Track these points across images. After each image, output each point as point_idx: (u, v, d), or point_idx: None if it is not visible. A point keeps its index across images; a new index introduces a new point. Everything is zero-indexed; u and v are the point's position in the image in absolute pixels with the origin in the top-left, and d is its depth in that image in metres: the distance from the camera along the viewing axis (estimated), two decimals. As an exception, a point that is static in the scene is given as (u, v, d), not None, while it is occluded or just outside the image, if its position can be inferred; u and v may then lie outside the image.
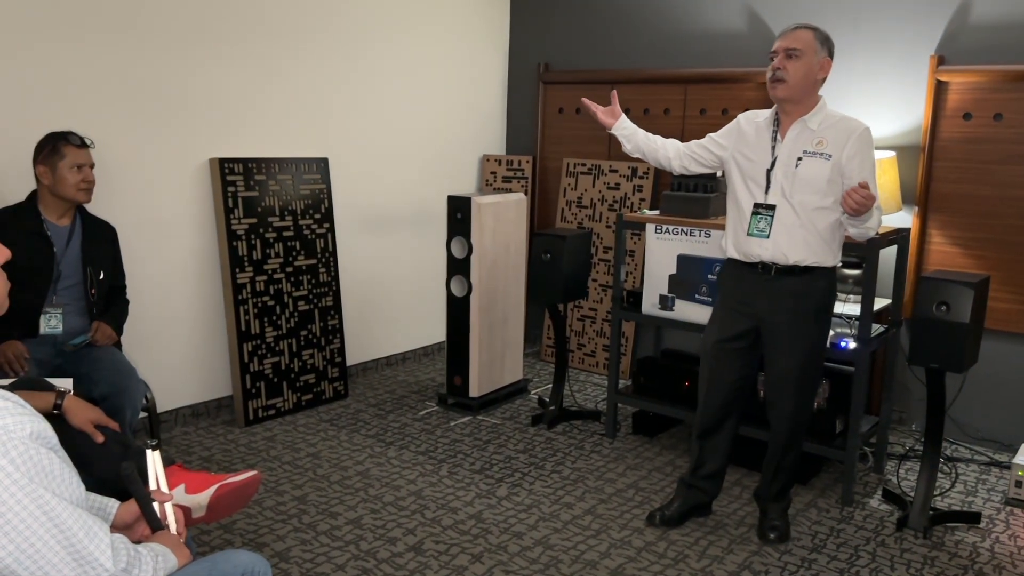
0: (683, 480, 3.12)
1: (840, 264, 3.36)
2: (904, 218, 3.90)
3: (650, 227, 3.68)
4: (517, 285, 4.35)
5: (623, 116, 3.07)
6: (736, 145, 2.88)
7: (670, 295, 3.64)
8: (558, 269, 3.85)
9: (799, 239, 2.74)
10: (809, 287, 2.78)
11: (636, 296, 3.80)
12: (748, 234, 2.79)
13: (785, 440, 2.93)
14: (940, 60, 3.77)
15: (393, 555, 2.81)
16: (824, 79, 2.74)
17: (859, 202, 2.53)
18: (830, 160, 2.69)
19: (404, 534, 2.95)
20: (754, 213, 2.79)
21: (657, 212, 3.73)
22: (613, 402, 3.88)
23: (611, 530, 3.03)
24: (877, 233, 2.86)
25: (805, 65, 2.68)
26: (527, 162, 5.18)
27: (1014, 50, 3.62)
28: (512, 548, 2.88)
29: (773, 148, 2.78)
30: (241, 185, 3.89)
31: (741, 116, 2.93)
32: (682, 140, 4.49)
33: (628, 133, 3.06)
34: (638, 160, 4.74)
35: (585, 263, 4.04)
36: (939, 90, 3.79)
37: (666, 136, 4.72)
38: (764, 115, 2.86)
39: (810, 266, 2.76)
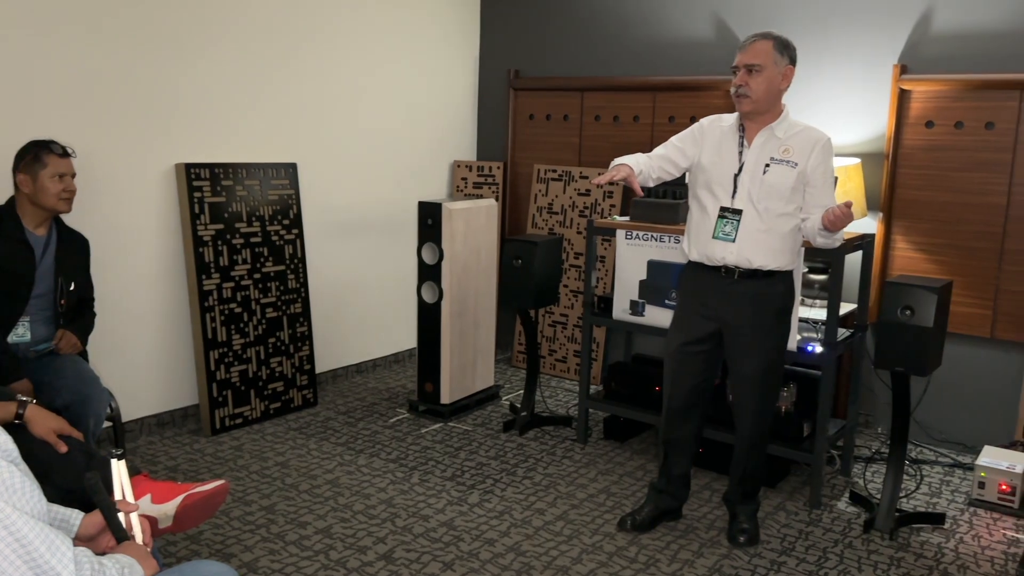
0: (653, 485, 3.14)
1: (805, 269, 3.41)
2: (869, 224, 3.96)
3: (620, 233, 3.70)
4: (488, 291, 4.35)
5: (628, 165, 2.77)
6: (700, 149, 2.90)
7: (641, 300, 3.66)
8: (529, 275, 3.85)
9: (764, 244, 2.79)
10: (770, 290, 2.84)
11: (607, 302, 3.81)
12: (714, 237, 2.83)
13: (750, 442, 2.97)
14: (903, 69, 3.83)
15: (363, 564, 2.79)
16: (787, 87, 2.79)
17: (843, 221, 2.62)
18: (796, 168, 2.75)
19: (375, 543, 2.93)
20: (720, 217, 2.82)
21: (627, 218, 3.75)
22: (584, 407, 3.89)
23: (583, 535, 3.03)
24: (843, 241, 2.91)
25: (767, 79, 2.72)
26: (498, 168, 5.19)
27: (973, 60, 3.70)
28: (484, 555, 2.87)
29: (740, 154, 2.81)
30: (208, 191, 3.85)
31: (704, 120, 2.96)
32: (651, 148, 4.57)
33: (644, 175, 2.84)
34: (607, 167, 4.78)
35: (556, 269, 4.04)
36: (902, 98, 3.86)
37: (635, 143, 4.77)
38: (729, 120, 2.89)
39: (772, 270, 2.82)
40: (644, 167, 2.86)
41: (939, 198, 3.83)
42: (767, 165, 2.77)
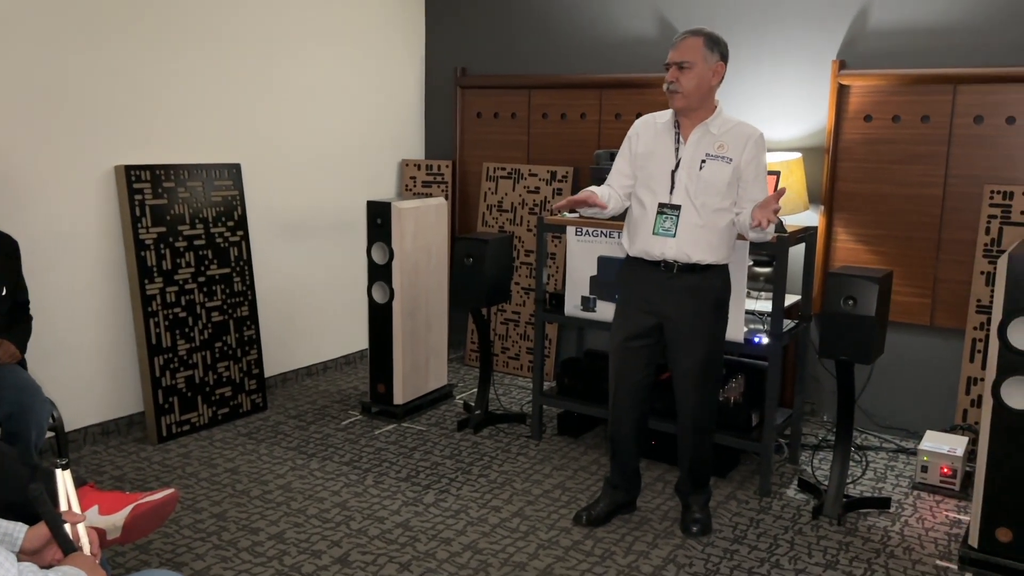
0: (607, 479, 3.17)
1: (751, 262, 3.47)
2: (811, 217, 4.05)
3: (571, 230, 3.72)
4: (440, 290, 4.33)
5: (595, 195, 2.86)
6: (635, 151, 2.95)
7: (592, 296, 3.68)
8: (481, 273, 3.84)
9: (702, 239, 2.83)
10: (708, 284, 2.89)
11: (558, 298, 3.83)
12: (654, 233, 2.86)
13: (693, 432, 3.00)
14: (842, 64, 3.93)
15: (318, 568, 2.75)
16: (719, 83, 2.83)
17: (772, 219, 2.66)
18: (731, 164, 2.81)
19: (329, 546, 2.90)
20: (659, 213, 2.86)
21: (577, 215, 3.77)
22: (538, 404, 3.90)
23: (539, 531, 3.04)
24: (775, 237, 3.00)
25: (697, 75, 2.76)
26: (446, 166, 5.17)
27: (909, 55, 3.81)
28: (441, 554, 2.86)
29: (677, 150, 2.86)
30: (148, 193, 3.76)
31: (638, 121, 3.00)
32: (599, 145, 4.63)
33: (614, 208, 2.95)
34: (558, 163, 4.81)
35: (507, 267, 4.05)
36: (841, 93, 3.95)
37: (582, 140, 4.80)
38: (664, 116, 2.93)
39: (709, 264, 2.87)
40: (608, 196, 2.93)
41: (878, 190, 3.94)
42: (703, 161, 2.81)
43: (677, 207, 2.83)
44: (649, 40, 4.47)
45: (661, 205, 2.86)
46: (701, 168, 2.81)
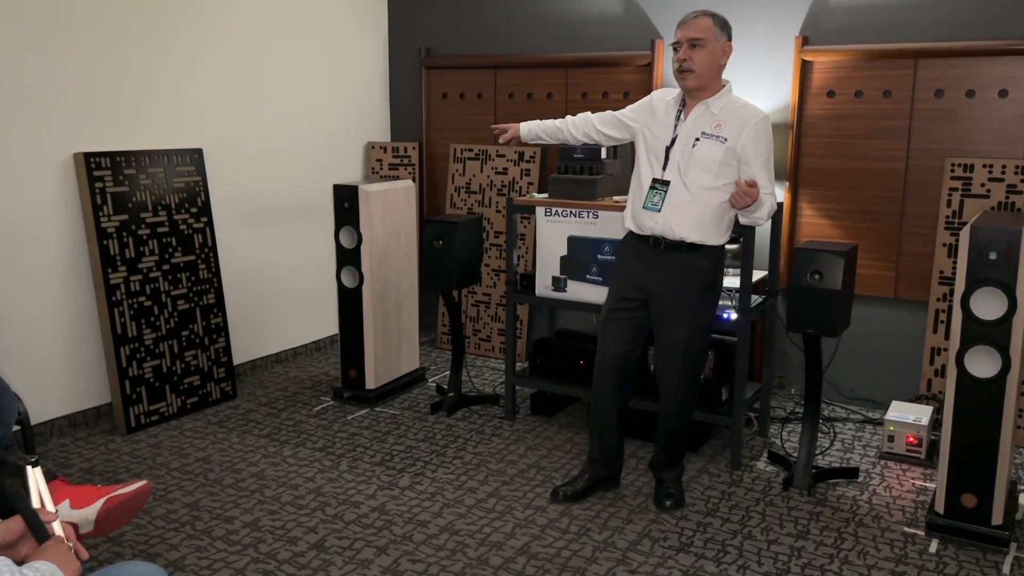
0: (590, 454, 3.19)
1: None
2: (776, 193, 4.08)
3: (540, 210, 3.71)
4: (410, 273, 4.31)
5: (518, 127, 3.24)
6: (646, 120, 2.99)
7: (562, 276, 3.69)
8: (451, 255, 3.83)
9: (689, 216, 2.84)
10: (694, 263, 2.89)
11: (529, 279, 3.83)
12: (643, 207, 2.90)
13: (674, 411, 3.04)
14: (805, 40, 3.95)
15: (295, 555, 2.75)
16: (727, 63, 2.86)
17: (742, 199, 2.69)
18: (725, 144, 2.80)
19: (305, 533, 2.89)
20: (651, 187, 2.89)
21: (546, 195, 3.76)
22: (511, 385, 3.91)
23: (515, 510, 3.06)
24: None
25: (709, 53, 2.78)
26: (413, 148, 5.13)
27: (870, 30, 3.85)
28: (417, 537, 2.86)
29: (675, 126, 2.88)
30: (109, 180, 3.68)
31: (655, 93, 3.05)
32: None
33: (532, 135, 3.25)
34: (525, 145, 4.78)
35: (477, 248, 4.04)
36: (804, 69, 3.98)
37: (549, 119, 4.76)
38: (673, 93, 2.96)
39: (696, 243, 2.86)
40: (538, 135, 3.23)
41: (842, 165, 3.98)
42: (696, 139, 2.82)
43: (667, 183, 2.86)
44: (615, 18, 4.46)
45: (654, 180, 2.89)
46: (694, 146, 2.82)
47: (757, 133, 2.80)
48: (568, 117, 3.22)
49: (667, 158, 2.87)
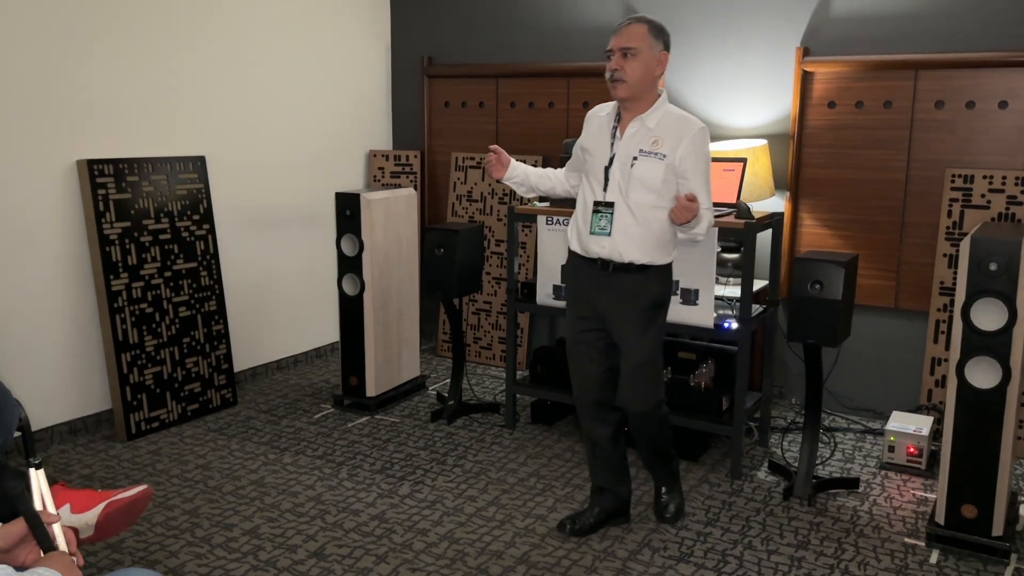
0: (595, 485, 3.03)
1: (719, 248, 3.47)
2: (777, 203, 4.09)
3: (541, 219, 3.72)
4: (411, 281, 4.32)
5: (512, 162, 2.98)
6: (582, 145, 2.87)
7: (563, 285, 3.69)
8: (452, 263, 3.84)
9: (635, 238, 2.71)
10: (644, 284, 2.75)
11: (530, 287, 3.84)
12: (591, 232, 2.76)
13: (641, 428, 2.88)
14: (805, 51, 3.97)
15: (294, 563, 2.74)
16: (662, 73, 2.73)
17: (682, 214, 2.58)
18: (664, 160, 2.66)
19: (305, 540, 2.88)
20: (595, 211, 2.75)
21: (547, 204, 3.77)
22: (511, 393, 3.91)
23: (515, 519, 3.05)
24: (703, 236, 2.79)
25: (642, 63, 2.64)
26: (415, 157, 5.14)
27: (870, 41, 3.86)
28: (417, 545, 2.86)
29: (612, 145, 2.75)
30: (112, 187, 3.69)
31: (590, 111, 2.90)
32: (567, 133, 4.63)
33: (519, 180, 2.99)
34: (527, 152, 4.81)
35: (478, 256, 4.04)
36: (805, 80, 4.00)
37: (551, 129, 4.80)
38: (607, 108, 2.82)
39: (644, 264, 2.73)
40: (526, 178, 2.99)
41: (843, 175, 3.99)
42: (635, 158, 2.68)
43: (611, 205, 2.72)
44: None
45: (596, 203, 2.75)
46: (632, 165, 2.68)
47: (695, 146, 2.67)
48: (552, 172, 3.06)
49: (607, 178, 2.73)
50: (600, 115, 2.84)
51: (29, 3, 3.38)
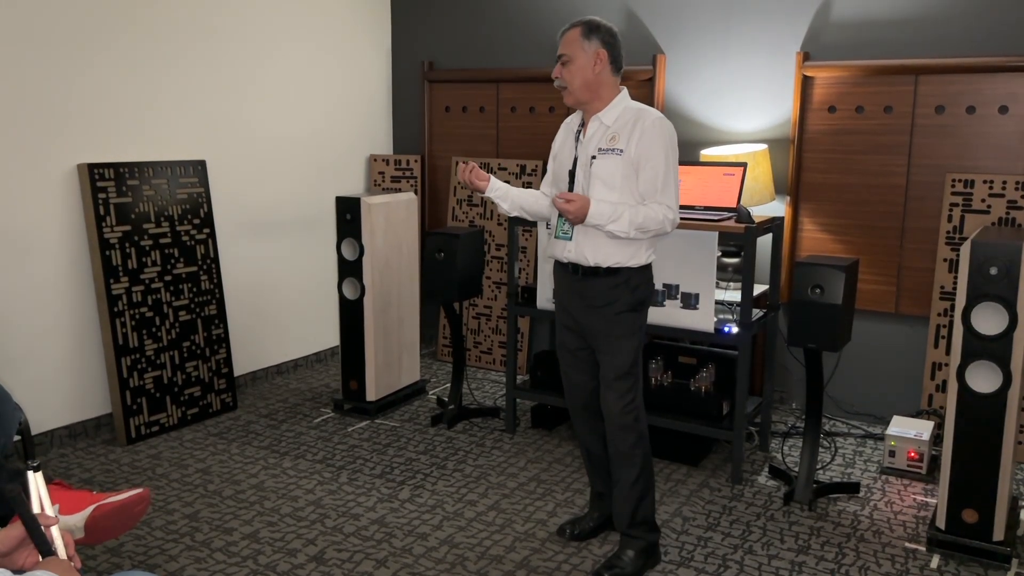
0: (593, 491, 3.00)
1: (719, 253, 3.45)
2: (777, 207, 4.09)
3: (542, 224, 3.72)
4: (411, 285, 4.32)
5: (491, 178, 2.83)
6: (553, 150, 2.85)
7: (561, 290, 3.69)
8: (452, 268, 3.84)
9: (599, 239, 2.62)
10: (616, 288, 2.65)
11: (530, 291, 3.84)
12: (556, 236, 2.73)
13: (615, 433, 2.74)
14: (806, 56, 3.97)
15: (294, 567, 2.74)
16: (604, 69, 2.63)
17: (561, 208, 2.53)
18: (622, 155, 2.59)
19: (304, 545, 2.88)
20: (559, 215, 2.69)
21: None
22: (512, 397, 3.91)
23: (515, 524, 3.05)
24: (637, 233, 2.59)
25: (578, 68, 2.61)
26: (415, 161, 5.15)
27: (871, 46, 3.87)
28: (417, 550, 2.85)
29: (576, 147, 2.71)
30: (112, 191, 3.69)
31: (565, 120, 2.87)
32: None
33: (501, 194, 2.83)
34: (527, 157, 4.81)
35: (478, 261, 4.04)
36: (805, 85, 4.00)
37: (550, 134, 4.77)
38: (580, 115, 2.77)
39: (614, 267, 2.64)
40: (507, 194, 2.82)
41: (843, 180, 3.99)
42: (593, 157, 2.63)
43: None
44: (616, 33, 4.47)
45: None
46: (592, 164, 2.63)
47: (648, 136, 2.57)
48: (536, 192, 2.91)
49: (572, 182, 2.67)
50: (571, 123, 2.81)
51: (30, 8, 3.39)
